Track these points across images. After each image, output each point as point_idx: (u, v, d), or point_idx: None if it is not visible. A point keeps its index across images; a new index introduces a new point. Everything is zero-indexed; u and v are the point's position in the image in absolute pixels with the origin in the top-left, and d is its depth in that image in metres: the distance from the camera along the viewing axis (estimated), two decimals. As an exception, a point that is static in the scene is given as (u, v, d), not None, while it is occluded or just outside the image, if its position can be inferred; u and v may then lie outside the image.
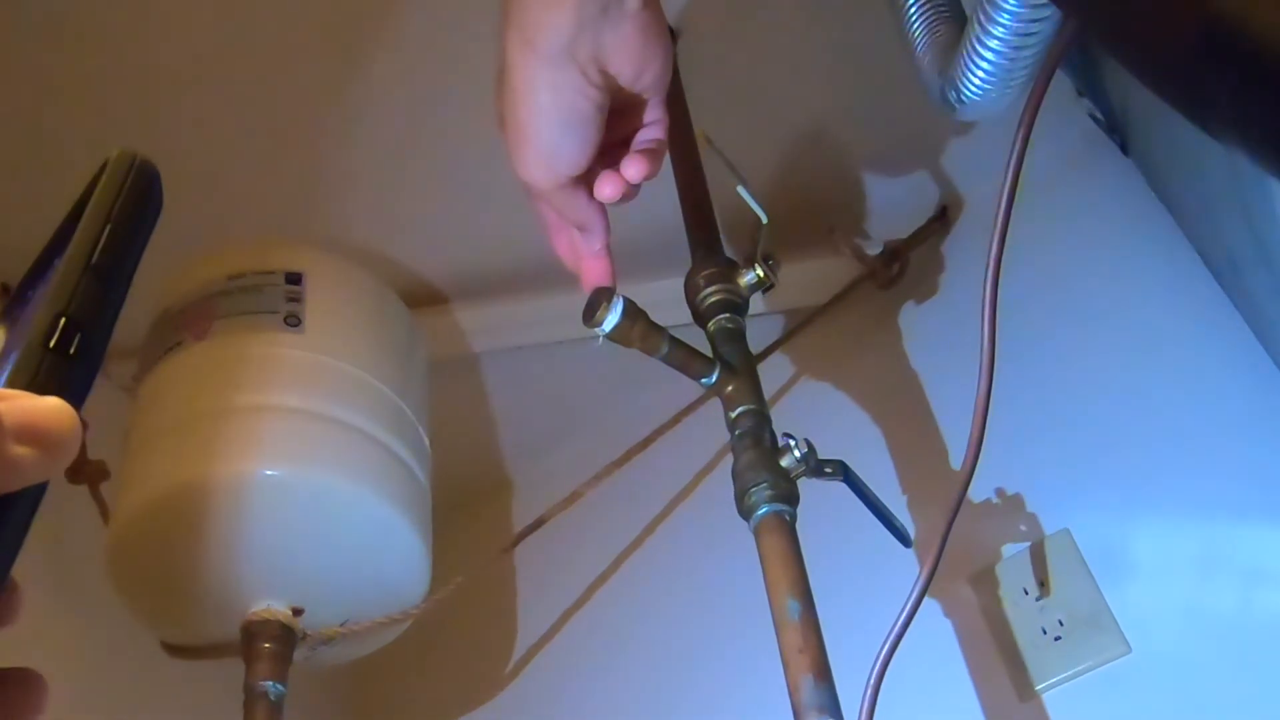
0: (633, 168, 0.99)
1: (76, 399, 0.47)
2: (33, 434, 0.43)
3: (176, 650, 1.58)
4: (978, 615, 1.59)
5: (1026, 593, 1.55)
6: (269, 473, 1.44)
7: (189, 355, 1.54)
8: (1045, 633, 1.51)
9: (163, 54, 1.71)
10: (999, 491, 1.62)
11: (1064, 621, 1.50)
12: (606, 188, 0.99)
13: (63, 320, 0.48)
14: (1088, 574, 1.51)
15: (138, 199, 0.54)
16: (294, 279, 1.63)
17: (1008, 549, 1.61)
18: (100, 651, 1.66)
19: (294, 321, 1.57)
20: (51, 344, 0.48)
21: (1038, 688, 1.49)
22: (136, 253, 0.54)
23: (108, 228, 0.52)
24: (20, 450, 0.43)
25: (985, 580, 1.60)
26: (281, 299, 1.60)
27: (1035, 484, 1.63)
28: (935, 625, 1.59)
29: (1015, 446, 1.61)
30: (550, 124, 0.90)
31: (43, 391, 0.46)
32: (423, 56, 1.75)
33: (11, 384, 0.46)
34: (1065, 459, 1.63)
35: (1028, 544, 1.58)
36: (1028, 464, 1.64)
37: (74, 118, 1.73)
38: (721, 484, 1.24)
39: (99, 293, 0.50)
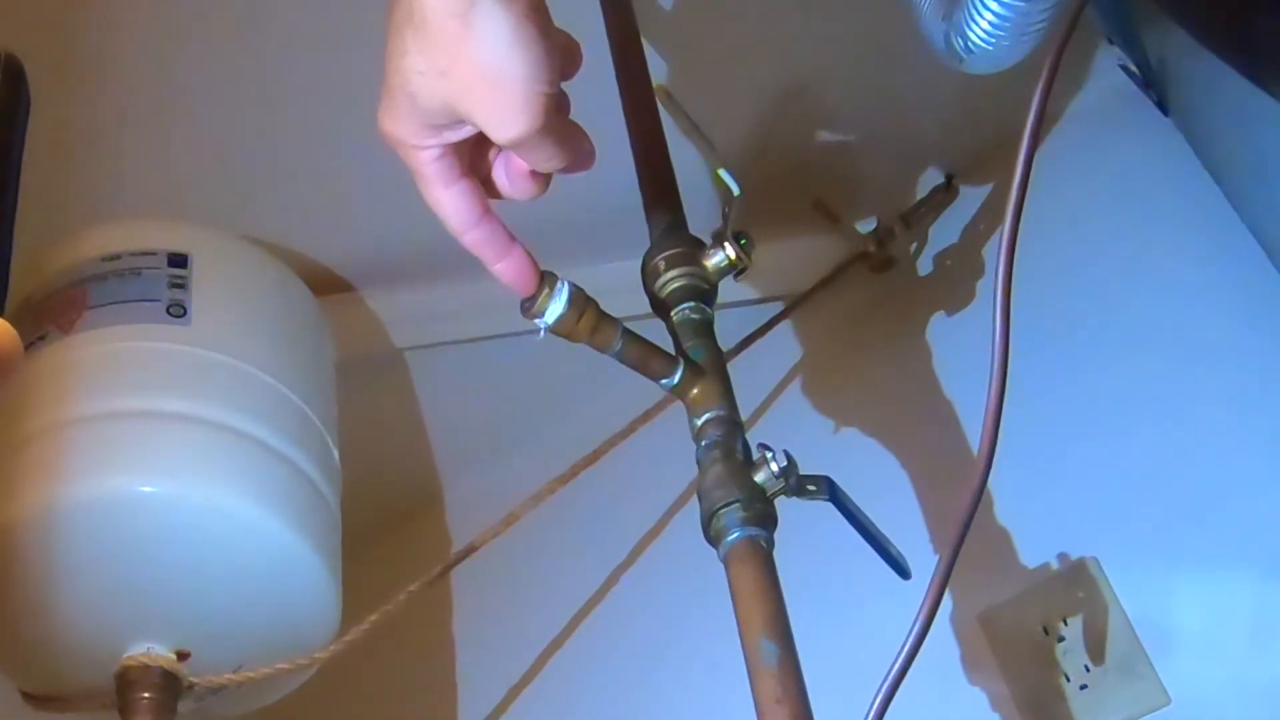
0: None
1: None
2: None
3: (39, 700, 1.56)
4: (989, 658, 1.58)
5: (1047, 632, 1.54)
6: (147, 490, 1.42)
7: (54, 351, 1.53)
8: (1069, 680, 1.50)
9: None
10: (1016, 512, 1.61)
11: (1091, 667, 1.49)
12: None
13: None
14: (1120, 611, 1.51)
15: (13, 99, 0.57)
16: (178, 261, 1.61)
17: (1026, 579, 1.60)
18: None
19: (178, 311, 1.56)
20: None
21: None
22: (19, 157, 0.56)
23: None
24: None
25: (999, 617, 1.59)
26: (164, 285, 1.58)
27: (1058, 503, 1.62)
28: (940, 669, 1.58)
29: (1035, 460, 1.60)
30: (525, 57, 0.89)
31: None
32: (326, 7, 1.73)
33: None
34: (1092, 476, 1.63)
35: (1049, 573, 1.57)
36: (1050, 481, 1.63)
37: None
38: (687, 504, 1.23)
39: None
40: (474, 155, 1.01)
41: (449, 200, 0.99)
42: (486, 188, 1.03)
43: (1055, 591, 1.56)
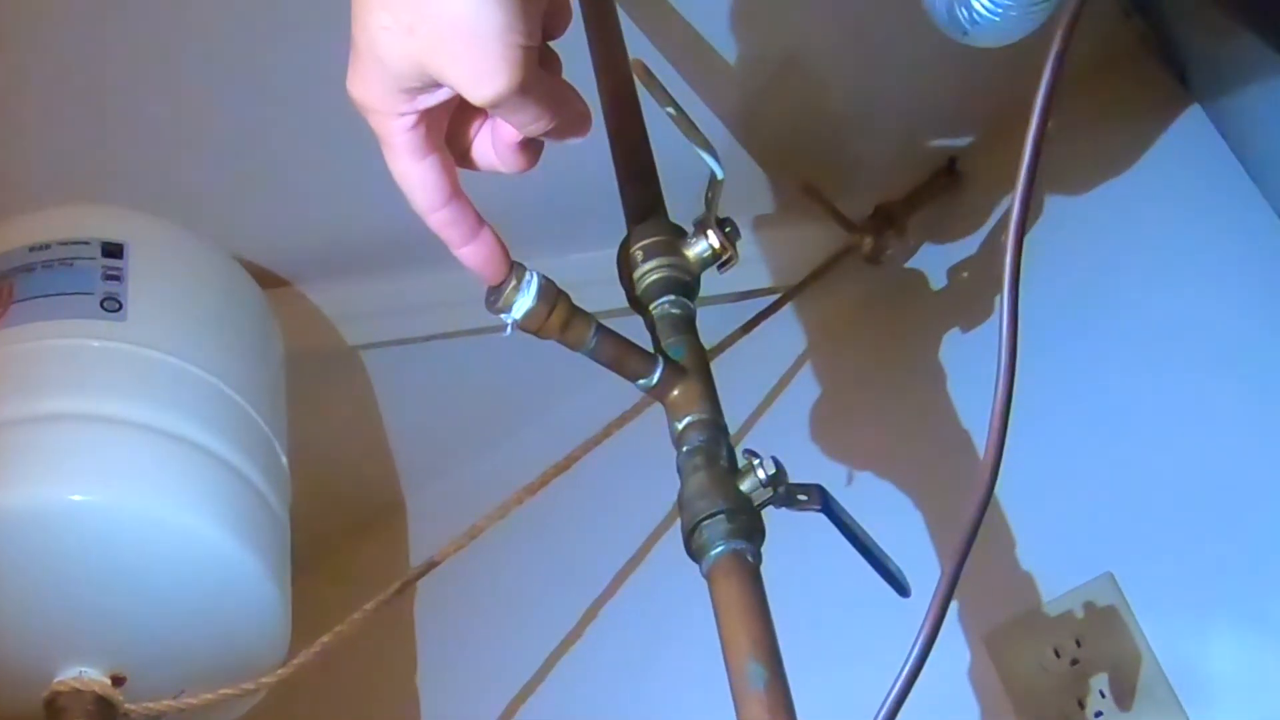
0: None
1: None
2: None
3: (-40, 729, 1.55)
4: (996, 683, 1.58)
5: (1058, 655, 1.54)
6: (79, 499, 1.42)
7: (-22, 349, 1.51)
8: (1083, 706, 1.50)
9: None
10: (1025, 524, 1.61)
11: (1106, 692, 1.49)
12: None
13: None
14: (1138, 632, 1.51)
15: None
16: (114, 251, 1.61)
17: (1036, 597, 1.60)
18: None
19: (113, 306, 1.55)
20: None
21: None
22: None
23: None
24: None
25: (1006, 637, 1.59)
26: (98, 277, 1.58)
27: (1071, 515, 1.62)
28: (942, 695, 1.58)
29: (1046, 468, 1.60)
30: (498, 5, 0.88)
31: None
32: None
33: None
34: (1109, 485, 1.62)
35: (1060, 592, 1.57)
36: (1062, 490, 1.63)
37: None
38: (668, 515, 1.22)
39: None
40: (454, 124, 0.99)
41: (418, 175, 0.97)
42: (463, 161, 1.01)
43: (1068, 611, 1.56)
